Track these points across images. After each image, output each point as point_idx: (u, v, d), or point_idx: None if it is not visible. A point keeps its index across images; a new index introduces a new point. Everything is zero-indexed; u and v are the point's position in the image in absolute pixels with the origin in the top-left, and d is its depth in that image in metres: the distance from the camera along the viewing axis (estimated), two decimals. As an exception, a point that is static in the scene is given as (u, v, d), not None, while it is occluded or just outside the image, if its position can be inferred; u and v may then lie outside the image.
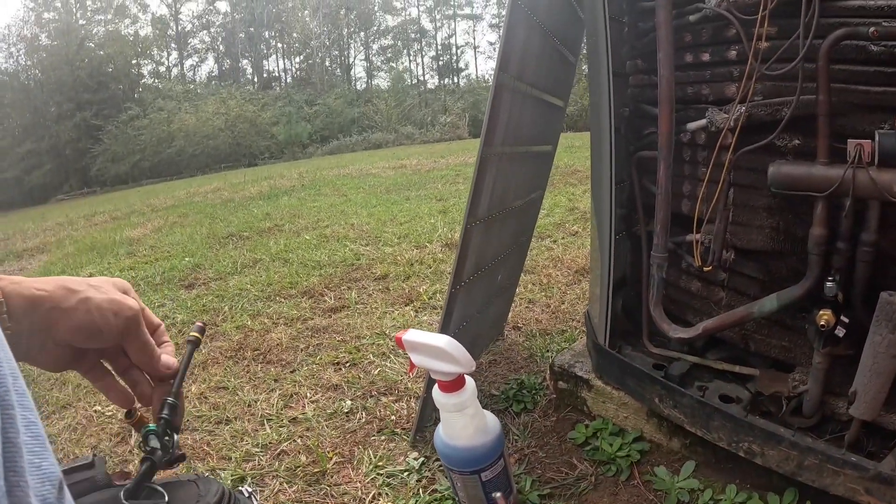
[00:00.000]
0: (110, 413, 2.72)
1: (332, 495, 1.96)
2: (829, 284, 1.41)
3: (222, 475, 2.11)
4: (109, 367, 0.80)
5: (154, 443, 0.76)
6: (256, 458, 2.21)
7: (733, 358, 1.85)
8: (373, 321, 3.50)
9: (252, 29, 47.90)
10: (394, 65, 50.00)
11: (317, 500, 1.96)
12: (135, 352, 0.75)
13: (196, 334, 0.83)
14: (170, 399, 0.77)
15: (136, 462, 0.75)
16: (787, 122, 1.46)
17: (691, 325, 1.78)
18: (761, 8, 1.44)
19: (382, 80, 49.73)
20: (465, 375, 0.68)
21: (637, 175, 2.00)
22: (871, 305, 1.33)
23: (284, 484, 2.05)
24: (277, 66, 50.20)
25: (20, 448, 0.37)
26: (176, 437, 0.78)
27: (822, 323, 1.39)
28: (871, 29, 1.32)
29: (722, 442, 1.64)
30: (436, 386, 0.67)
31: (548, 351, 2.82)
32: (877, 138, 1.30)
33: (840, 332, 1.40)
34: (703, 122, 1.63)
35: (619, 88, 1.89)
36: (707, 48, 1.66)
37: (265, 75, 49.61)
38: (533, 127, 2.33)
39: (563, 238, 5.02)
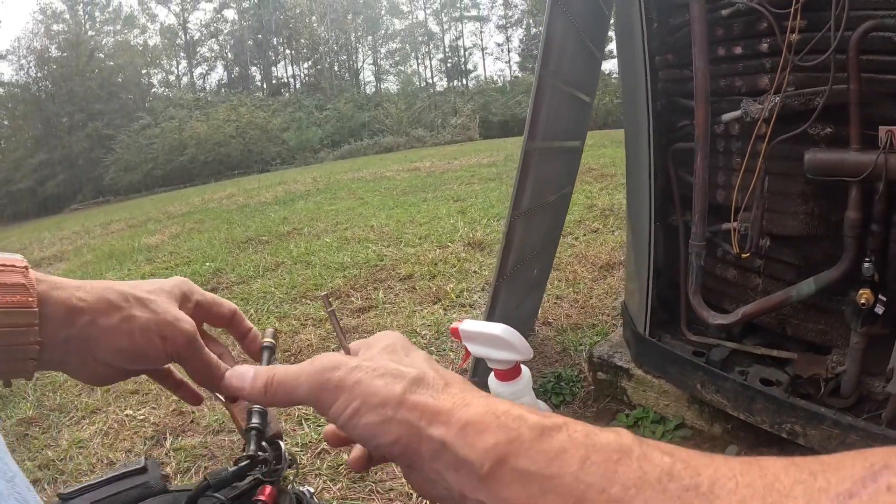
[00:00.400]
0: (142, 416, 2.75)
1: (378, 491, 2.00)
2: (866, 265, 1.46)
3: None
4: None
5: (252, 447, 0.65)
6: (297, 458, 2.24)
7: (770, 343, 1.89)
8: (402, 320, 3.54)
9: (260, 36, 48.10)
10: (402, 68, 50.02)
11: (363, 497, 1.99)
12: (194, 373, 0.64)
13: (270, 339, 0.73)
14: (255, 407, 0.66)
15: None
16: (819, 111, 1.51)
17: (729, 312, 1.82)
18: (794, 1, 1.49)
19: (391, 84, 49.76)
20: (521, 364, 0.71)
21: (673, 167, 2.04)
22: (907, 285, 1.38)
23: (328, 482, 2.09)
24: (286, 73, 50.38)
25: None
26: (282, 444, 0.69)
27: (862, 301, 1.44)
28: (899, 20, 1.37)
29: (765, 424, 1.68)
30: (491, 375, 0.70)
31: (580, 344, 2.85)
32: (908, 124, 1.36)
33: (879, 309, 1.44)
34: (737, 112, 1.68)
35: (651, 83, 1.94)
36: (739, 41, 1.71)
37: (274, 82, 49.78)
38: (567, 123, 2.38)
39: (584, 235, 5.06)
